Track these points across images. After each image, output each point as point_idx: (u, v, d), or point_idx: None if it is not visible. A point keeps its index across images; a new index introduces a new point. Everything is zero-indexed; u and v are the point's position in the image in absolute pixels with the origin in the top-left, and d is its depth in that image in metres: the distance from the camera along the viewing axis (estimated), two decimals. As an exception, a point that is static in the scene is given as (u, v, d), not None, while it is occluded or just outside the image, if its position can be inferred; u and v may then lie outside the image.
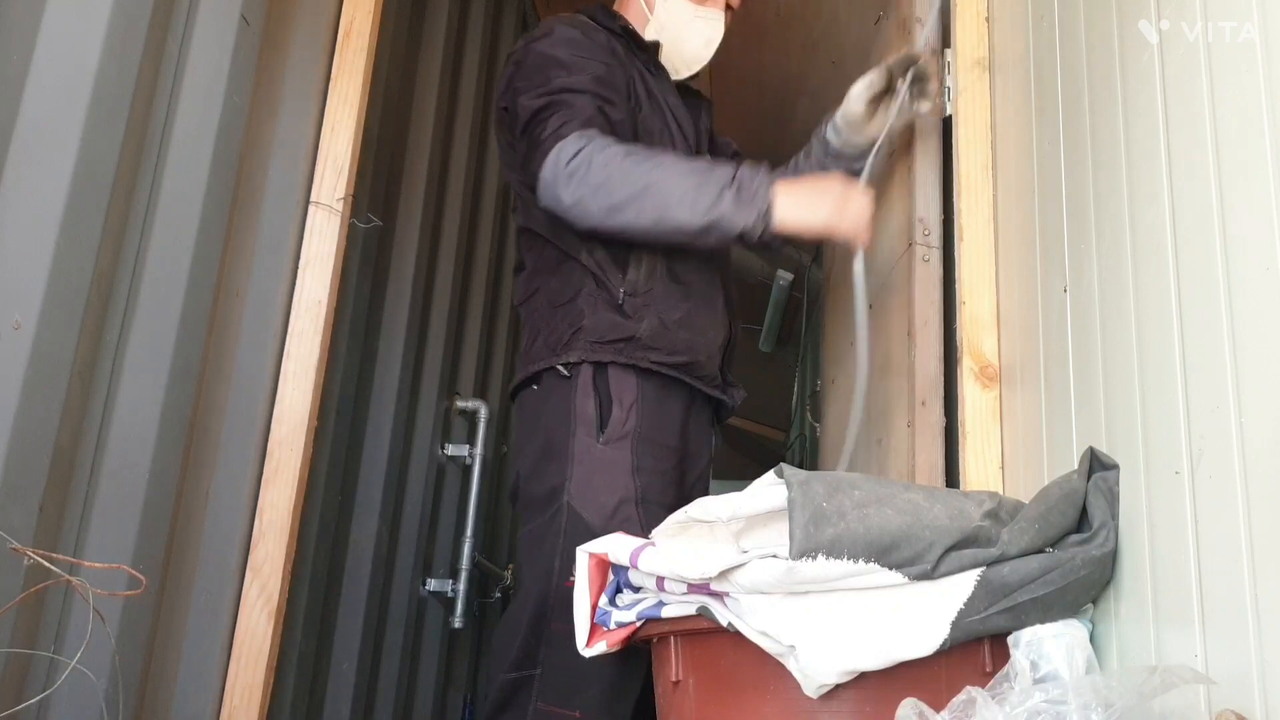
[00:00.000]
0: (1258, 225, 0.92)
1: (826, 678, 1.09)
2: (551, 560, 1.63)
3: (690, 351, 1.77)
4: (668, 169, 1.64)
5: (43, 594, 1.29)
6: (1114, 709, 0.89)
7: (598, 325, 1.73)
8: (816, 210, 1.64)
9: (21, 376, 1.24)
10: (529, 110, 1.77)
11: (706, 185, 1.61)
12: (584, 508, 1.65)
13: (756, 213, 1.60)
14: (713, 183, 1.61)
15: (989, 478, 1.58)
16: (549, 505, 1.68)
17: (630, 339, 1.73)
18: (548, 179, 1.68)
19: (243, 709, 1.68)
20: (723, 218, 1.61)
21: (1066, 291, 1.37)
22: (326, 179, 1.92)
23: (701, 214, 1.61)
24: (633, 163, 1.63)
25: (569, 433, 1.69)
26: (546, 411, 1.74)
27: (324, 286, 1.88)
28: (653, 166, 1.64)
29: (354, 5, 2.01)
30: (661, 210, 1.62)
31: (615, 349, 1.72)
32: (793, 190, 1.64)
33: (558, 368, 1.72)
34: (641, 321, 1.74)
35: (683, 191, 1.61)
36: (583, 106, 1.72)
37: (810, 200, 1.65)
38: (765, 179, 1.63)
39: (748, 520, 1.14)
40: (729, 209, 1.61)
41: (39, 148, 1.29)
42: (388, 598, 2.49)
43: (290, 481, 1.79)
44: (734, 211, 1.61)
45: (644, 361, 1.72)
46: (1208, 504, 0.98)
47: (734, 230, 1.61)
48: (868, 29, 2.49)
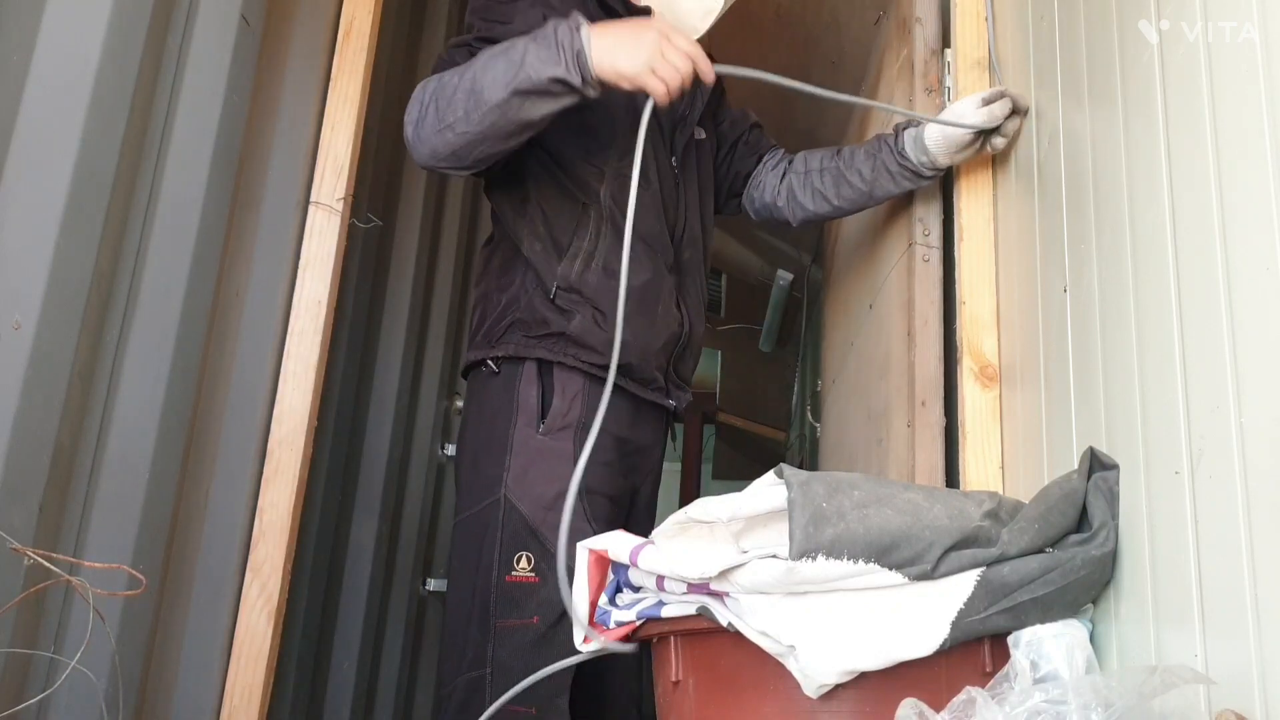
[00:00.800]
0: (1258, 225, 0.92)
1: (826, 678, 1.09)
2: (491, 554, 1.60)
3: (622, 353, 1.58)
4: (481, 60, 1.51)
5: (43, 594, 1.29)
6: (1114, 709, 0.89)
7: (531, 318, 1.69)
8: (636, 53, 1.47)
9: (21, 376, 1.24)
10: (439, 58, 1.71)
11: (511, 50, 1.49)
12: (520, 499, 1.62)
13: (565, 58, 1.46)
14: (517, 45, 1.48)
15: (989, 478, 1.58)
16: (485, 496, 1.65)
17: (560, 335, 1.68)
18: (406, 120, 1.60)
19: (243, 709, 1.68)
20: (530, 70, 1.46)
21: (1066, 291, 1.37)
22: (326, 179, 1.92)
23: (509, 79, 1.47)
24: (452, 73, 1.54)
25: (510, 422, 1.66)
26: (489, 399, 1.71)
27: (324, 286, 1.88)
28: (468, 67, 1.53)
29: (354, 5, 2.01)
30: (477, 95, 1.49)
31: (546, 345, 1.68)
32: (606, 33, 1.49)
33: (488, 361, 1.70)
34: (573, 318, 1.68)
35: (494, 69, 1.48)
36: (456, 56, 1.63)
37: (629, 44, 1.48)
38: (571, 24, 1.48)
39: (748, 520, 1.14)
40: (533, 60, 1.46)
41: (39, 148, 1.29)
42: (388, 598, 2.49)
43: (290, 481, 1.79)
44: (539, 62, 1.46)
45: (572, 360, 1.67)
46: (1208, 504, 0.98)
47: (544, 80, 1.46)
48: (868, 29, 2.49)
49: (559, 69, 1.46)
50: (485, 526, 1.63)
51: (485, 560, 1.61)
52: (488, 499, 1.65)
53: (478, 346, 1.76)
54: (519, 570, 1.59)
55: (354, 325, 2.33)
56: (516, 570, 1.59)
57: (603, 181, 1.75)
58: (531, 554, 1.59)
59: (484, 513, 1.64)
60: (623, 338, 1.53)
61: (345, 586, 2.33)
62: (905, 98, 1.98)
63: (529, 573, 1.58)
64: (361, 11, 2.01)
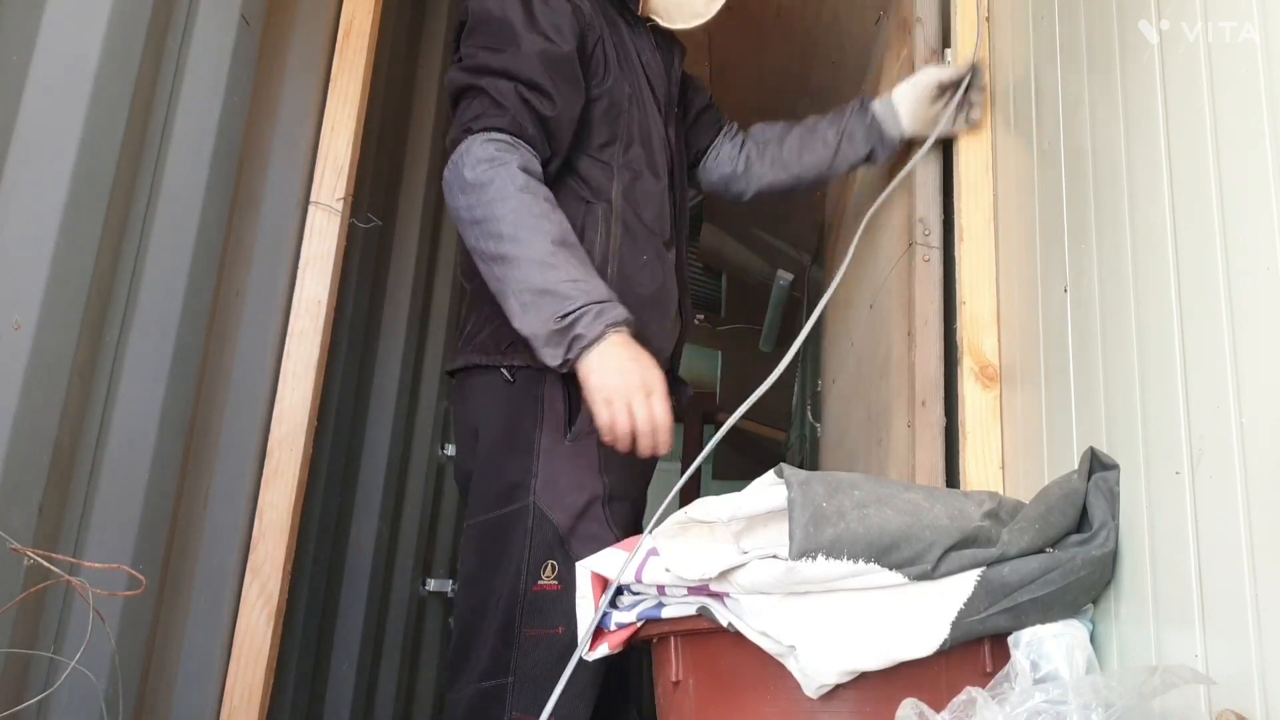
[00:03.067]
0: (1258, 225, 0.92)
1: (826, 678, 1.09)
2: (519, 563, 1.55)
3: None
4: (532, 251, 1.49)
5: (43, 594, 1.29)
6: (1114, 709, 0.89)
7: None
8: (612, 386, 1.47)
9: (21, 376, 1.24)
10: (455, 84, 1.64)
11: (542, 304, 1.47)
12: (550, 508, 1.57)
13: (556, 354, 1.48)
14: (551, 307, 1.47)
15: (989, 478, 1.58)
16: (509, 501, 1.59)
17: None
18: (451, 173, 1.57)
19: (243, 709, 1.68)
20: (532, 339, 1.49)
21: (1066, 291, 1.37)
22: (326, 179, 1.92)
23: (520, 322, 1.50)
24: (514, 219, 1.51)
25: (535, 427, 1.59)
26: (507, 403, 1.63)
27: (324, 286, 1.88)
28: (523, 240, 1.50)
29: (354, 5, 2.01)
30: (500, 288, 1.52)
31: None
32: (615, 360, 1.47)
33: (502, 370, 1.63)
34: None
35: (524, 288, 1.48)
36: (508, 99, 1.57)
37: (614, 379, 1.47)
38: (596, 336, 1.46)
39: (748, 520, 1.14)
40: (536, 335, 1.48)
41: (39, 148, 1.29)
42: (388, 598, 2.49)
43: (290, 481, 1.79)
44: (537, 339, 1.49)
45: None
46: (1208, 504, 0.98)
47: (537, 350, 1.50)
48: (868, 29, 2.49)
49: (551, 360, 1.47)
50: (510, 532, 1.58)
51: (511, 567, 1.56)
52: (513, 504, 1.59)
53: (483, 351, 1.68)
54: (545, 579, 1.55)
55: (354, 325, 2.33)
56: (543, 579, 1.55)
57: (612, 178, 1.70)
58: (556, 562, 1.56)
59: (509, 518, 1.59)
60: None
61: (345, 586, 2.33)
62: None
63: (553, 580, 1.55)
64: (361, 11, 2.01)
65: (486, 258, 1.52)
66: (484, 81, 1.59)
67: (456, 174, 1.55)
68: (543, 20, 1.62)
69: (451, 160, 1.58)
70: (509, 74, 1.59)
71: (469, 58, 1.64)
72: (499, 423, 1.64)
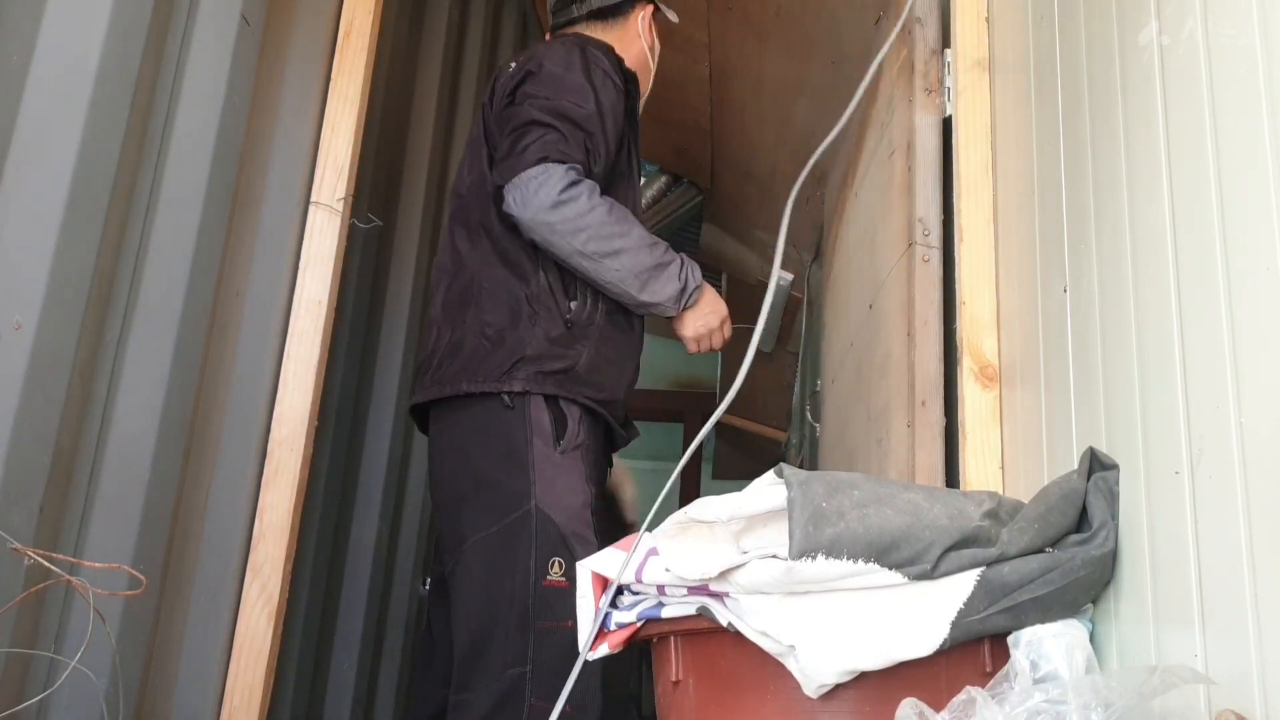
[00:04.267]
0: (1258, 225, 0.92)
1: (826, 678, 1.09)
2: (526, 562, 1.69)
3: (612, 390, 1.89)
4: (634, 241, 1.84)
5: (43, 594, 1.29)
6: (1114, 709, 0.89)
7: (540, 354, 1.79)
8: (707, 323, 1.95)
9: (21, 376, 1.24)
10: (525, 117, 1.83)
11: (659, 275, 1.87)
12: (552, 509, 1.72)
13: (677, 308, 1.90)
14: (665, 279, 1.87)
15: (989, 478, 1.58)
16: (512, 509, 1.72)
17: (568, 370, 1.81)
18: (525, 192, 1.76)
19: (243, 709, 1.68)
20: (658, 305, 1.88)
21: (1066, 291, 1.37)
22: (326, 179, 1.92)
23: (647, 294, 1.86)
24: (612, 222, 1.81)
25: (525, 442, 1.76)
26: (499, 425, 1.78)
27: (324, 286, 1.89)
28: (624, 234, 1.83)
29: (354, 5, 2.01)
30: (620, 276, 1.82)
31: (556, 381, 1.80)
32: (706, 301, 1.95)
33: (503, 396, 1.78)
34: (581, 355, 1.83)
35: (642, 269, 1.84)
36: (574, 140, 1.82)
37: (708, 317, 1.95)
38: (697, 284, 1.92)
39: (748, 520, 1.14)
40: (665, 300, 1.88)
41: (39, 148, 1.29)
42: (388, 598, 2.49)
43: (290, 482, 1.79)
44: (666, 302, 1.88)
45: (580, 396, 1.81)
46: (1208, 504, 0.98)
47: (660, 312, 1.92)
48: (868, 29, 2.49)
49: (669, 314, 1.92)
50: (516, 537, 1.71)
51: (520, 566, 1.70)
52: (516, 512, 1.72)
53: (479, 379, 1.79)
54: (553, 575, 1.70)
55: (354, 325, 2.33)
56: (551, 575, 1.69)
57: None
58: (562, 560, 1.70)
59: (513, 525, 1.72)
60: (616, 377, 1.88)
61: (345, 586, 2.33)
62: (905, 98, 1.98)
63: (560, 577, 1.69)
64: (361, 12, 2.01)
65: (598, 256, 1.80)
66: (562, 125, 1.82)
67: (546, 191, 1.76)
68: (603, 96, 1.89)
69: (529, 178, 1.76)
70: (580, 126, 1.84)
71: (543, 101, 1.85)
72: (497, 444, 1.77)
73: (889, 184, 2.10)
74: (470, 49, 3.01)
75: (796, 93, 3.13)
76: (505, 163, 1.82)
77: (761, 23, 2.99)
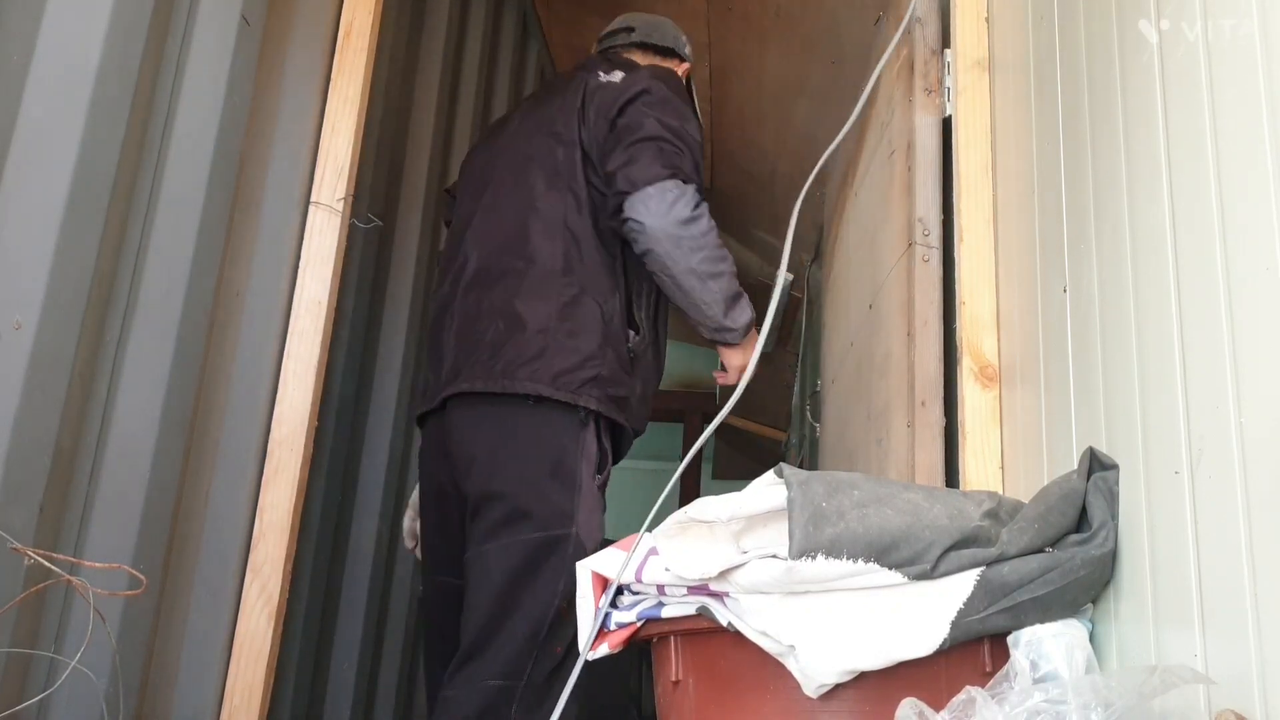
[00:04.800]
0: (1258, 225, 0.92)
1: (826, 677, 1.09)
2: (554, 584, 1.71)
3: (639, 425, 1.96)
4: (730, 267, 1.96)
5: (43, 594, 1.29)
6: (1114, 709, 0.89)
7: (609, 376, 1.83)
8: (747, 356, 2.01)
9: (21, 376, 1.24)
10: (660, 125, 1.90)
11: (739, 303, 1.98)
12: (588, 539, 1.75)
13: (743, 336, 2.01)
14: (743, 308, 1.99)
15: (989, 478, 1.58)
16: (555, 525, 1.73)
17: (627, 399, 1.87)
18: (661, 202, 1.83)
19: (243, 709, 1.68)
20: (733, 330, 1.98)
21: (1066, 291, 1.37)
22: (326, 179, 1.92)
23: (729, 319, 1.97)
24: (720, 246, 1.94)
25: (577, 462, 1.78)
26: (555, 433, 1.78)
27: (324, 286, 1.88)
28: (726, 259, 1.95)
29: (354, 5, 2.01)
30: (716, 297, 1.93)
31: (618, 405, 1.85)
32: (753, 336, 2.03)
33: (579, 410, 1.79)
34: (635, 386, 1.90)
35: (731, 294, 1.96)
36: (696, 164, 1.94)
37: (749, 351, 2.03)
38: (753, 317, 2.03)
39: (748, 520, 1.14)
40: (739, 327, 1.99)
41: (39, 148, 1.29)
42: (388, 598, 2.49)
43: (290, 482, 1.79)
44: (740, 329, 1.99)
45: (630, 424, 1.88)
46: (1208, 504, 0.98)
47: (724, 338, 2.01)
48: (868, 29, 2.49)
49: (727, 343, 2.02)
50: (550, 553, 1.73)
51: (548, 586, 1.71)
52: (557, 529, 1.74)
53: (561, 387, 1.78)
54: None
55: (354, 325, 2.33)
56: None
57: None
58: None
59: (552, 541, 1.73)
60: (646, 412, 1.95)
61: (345, 586, 2.33)
62: (905, 98, 1.98)
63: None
64: (361, 12, 2.01)
65: (706, 276, 1.90)
66: (684, 148, 1.92)
67: (682, 205, 1.85)
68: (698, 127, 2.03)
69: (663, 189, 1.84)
70: (695, 152, 1.95)
71: (668, 122, 1.92)
72: (549, 454, 1.78)
73: (889, 184, 2.10)
74: (470, 49, 3.01)
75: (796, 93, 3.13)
76: (628, 169, 1.86)
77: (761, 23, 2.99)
